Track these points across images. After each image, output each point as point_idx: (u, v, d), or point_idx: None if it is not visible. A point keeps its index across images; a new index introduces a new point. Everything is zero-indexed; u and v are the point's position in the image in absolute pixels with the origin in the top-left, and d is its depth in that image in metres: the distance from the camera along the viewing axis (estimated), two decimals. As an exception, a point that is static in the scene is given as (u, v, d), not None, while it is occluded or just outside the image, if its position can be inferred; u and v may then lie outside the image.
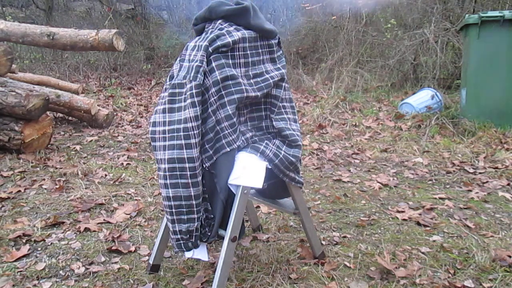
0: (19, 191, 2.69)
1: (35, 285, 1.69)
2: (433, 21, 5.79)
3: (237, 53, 1.56)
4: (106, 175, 3.05)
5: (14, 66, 5.12)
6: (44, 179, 2.90)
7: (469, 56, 4.09)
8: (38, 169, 3.14)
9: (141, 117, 5.17)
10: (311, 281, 1.71)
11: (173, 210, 1.52)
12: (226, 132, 1.52)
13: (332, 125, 4.54)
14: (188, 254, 1.59)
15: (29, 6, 10.29)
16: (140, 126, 4.73)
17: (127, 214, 2.36)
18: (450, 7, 6.16)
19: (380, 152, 3.67)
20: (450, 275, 1.76)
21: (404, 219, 2.32)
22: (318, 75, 6.46)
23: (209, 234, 1.57)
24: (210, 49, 1.51)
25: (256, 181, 1.52)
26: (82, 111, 4.48)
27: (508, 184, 2.86)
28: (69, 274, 1.77)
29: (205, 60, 1.50)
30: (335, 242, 2.06)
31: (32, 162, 3.25)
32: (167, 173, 1.49)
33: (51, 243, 2.03)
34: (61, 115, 4.89)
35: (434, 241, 2.06)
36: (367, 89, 5.88)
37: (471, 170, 3.14)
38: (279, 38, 1.70)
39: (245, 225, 1.98)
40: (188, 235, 1.54)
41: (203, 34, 1.59)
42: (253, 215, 2.18)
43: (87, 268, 1.81)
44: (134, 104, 5.89)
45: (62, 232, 2.14)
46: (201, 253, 1.60)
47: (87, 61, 8.31)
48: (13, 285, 1.68)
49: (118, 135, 4.31)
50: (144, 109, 5.61)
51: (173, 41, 8.14)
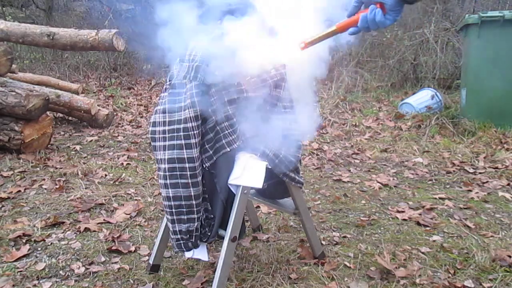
0: (19, 191, 2.69)
1: (35, 285, 1.69)
2: (433, 21, 5.80)
3: None
4: (106, 175, 3.05)
5: (14, 66, 5.12)
6: (44, 179, 2.90)
7: (469, 56, 4.09)
8: (38, 169, 3.14)
9: (141, 117, 5.17)
10: (311, 281, 1.71)
11: (173, 210, 1.52)
12: (226, 132, 1.52)
13: (332, 125, 4.54)
14: (188, 254, 1.59)
15: (29, 6, 10.28)
16: (140, 126, 4.73)
17: (127, 214, 2.36)
18: (450, 7, 6.16)
19: (380, 152, 3.67)
20: (450, 275, 1.76)
21: (404, 219, 2.32)
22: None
23: (209, 234, 1.57)
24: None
25: (256, 181, 1.52)
26: (82, 111, 4.48)
27: (508, 184, 2.86)
28: (69, 274, 1.77)
29: (205, 60, 1.50)
30: (335, 242, 2.06)
31: (32, 162, 3.25)
32: (167, 173, 1.49)
33: (51, 243, 2.03)
34: (61, 115, 4.89)
35: (434, 241, 2.06)
36: (367, 89, 5.88)
37: (471, 170, 3.14)
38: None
39: (245, 225, 1.98)
40: (188, 235, 1.54)
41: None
42: (253, 215, 2.18)
43: (87, 268, 1.81)
44: (134, 104, 5.89)
45: (62, 232, 2.14)
46: (201, 253, 1.60)
47: (87, 61, 8.29)
48: (13, 285, 1.68)
49: (118, 135, 4.31)
50: (144, 109, 5.61)
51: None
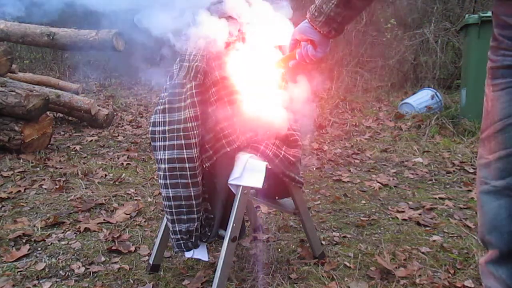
0: (19, 191, 2.69)
1: (35, 285, 1.69)
2: (433, 21, 5.80)
3: None
4: (106, 175, 3.05)
5: (14, 66, 5.12)
6: (44, 179, 2.90)
7: (469, 56, 4.09)
8: (38, 169, 3.14)
9: (141, 117, 5.17)
10: (311, 281, 1.71)
11: (173, 210, 1.52)
12: (226, 132, 1.52)
13: (332, 125, 4.54)
14: (188, 254, 1.59)
15: (29, 6, 10.28)
16: (140, 126, 4.73)
17: (127, 214, 2.36)
18: (450, 7, 6.16)
19: (380, 152, 3.67)
20: (450, 275, 1.76)
21: (404, 219, 2.32)
22: (318, 75, 6.45)
23: (209, 234, 1.57)
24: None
25: (256, 181, 1.52)
26: (82, 111, 4.48)
27: (508, 184, 2.85)
28: (69, 274, 1.77)
29: (205, 60, 1.50)
30: (335, 242, 2.06)
31: (32, 162, 3.25)
32: (167, 173, 1.49)
33: (51, 243, 2.03)
34: (61, 115, 4.89)
35: (434, 241, 2.06)
36: (367, 89, 5.88)
37: (471, 170, 3.14)
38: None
39: (245, 225, 1.98)
40: (188, 235, 1.54)
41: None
42: (253, 215, 2.18)
43: (87, 268, 1.81)
44: (134, 104, 5.89)
45: (62, 232, 2.14)
46: (201, 253, 1.60)
47: (87, 61, 8.30)
48: (13, 285, 1.68)
49: (118, 135, 4.31)
50: (144, 109, 5.61)
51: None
